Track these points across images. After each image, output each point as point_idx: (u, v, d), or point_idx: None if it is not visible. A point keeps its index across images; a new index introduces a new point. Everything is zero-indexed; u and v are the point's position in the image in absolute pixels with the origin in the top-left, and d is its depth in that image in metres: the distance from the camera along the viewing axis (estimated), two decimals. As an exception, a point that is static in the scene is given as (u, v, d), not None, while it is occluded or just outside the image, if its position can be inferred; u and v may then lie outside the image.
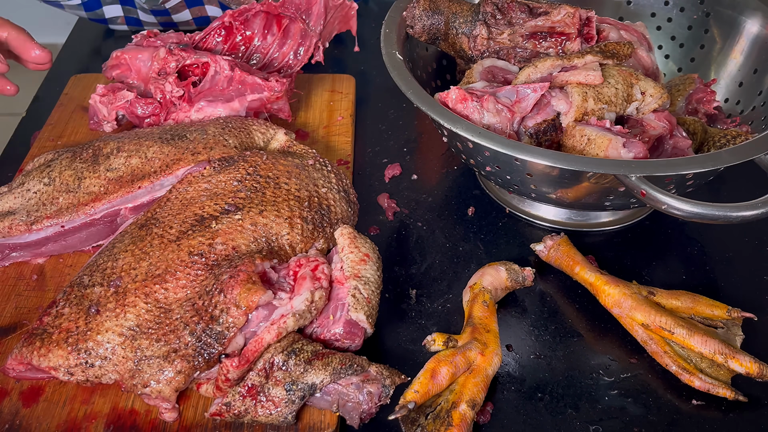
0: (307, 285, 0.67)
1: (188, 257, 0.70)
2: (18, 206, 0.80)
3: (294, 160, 0.81)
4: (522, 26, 0.86)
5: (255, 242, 0.72)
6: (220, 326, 0.64)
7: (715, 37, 0.95)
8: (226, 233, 0.71)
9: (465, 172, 0.95)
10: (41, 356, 0.65)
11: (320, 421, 0.65)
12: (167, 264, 0.69)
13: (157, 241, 0.72)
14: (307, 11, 1.00)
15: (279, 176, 0.77)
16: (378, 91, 1.07)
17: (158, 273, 0.69)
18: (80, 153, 0.83)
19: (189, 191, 0.76)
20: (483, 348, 0.68)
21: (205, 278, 0.68)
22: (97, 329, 0.66)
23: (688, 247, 0.84)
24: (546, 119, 0.79)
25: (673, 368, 0.69)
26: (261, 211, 0.73)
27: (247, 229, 0.72)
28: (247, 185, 0.76)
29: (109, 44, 1.21)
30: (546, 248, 0.79)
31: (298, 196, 0.76)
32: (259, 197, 0.75)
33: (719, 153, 0.71)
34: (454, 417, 0.62)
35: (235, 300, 0.64)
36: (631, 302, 0.71)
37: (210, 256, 0.70)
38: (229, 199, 0.74)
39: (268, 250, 0.71)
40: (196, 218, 0.73)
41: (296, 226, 0.74)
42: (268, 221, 0.73)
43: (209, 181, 0.77)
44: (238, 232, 0.72)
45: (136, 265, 0.70)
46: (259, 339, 0.63)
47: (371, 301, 0.68)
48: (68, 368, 0.65)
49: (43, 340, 0.66)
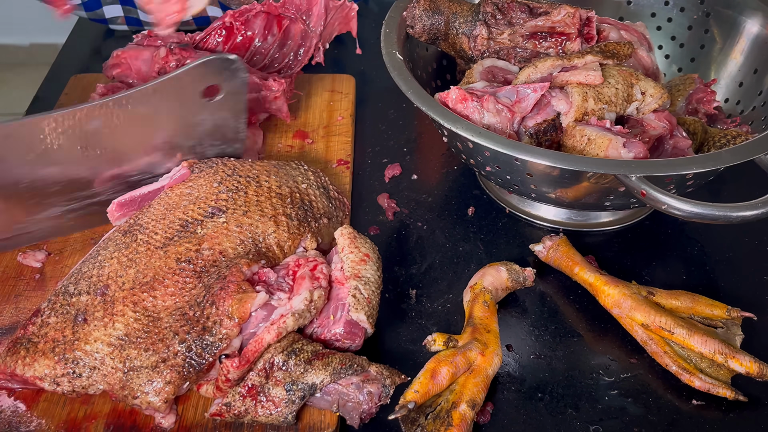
0: (306, 285, 0.67)
1: (176, 264, 0.69)
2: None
3: (270, 161, 0.82)
4: (522, 26, 0.86)
5: (242, 244, 0.71)
6: (212, 337, 0.63)
7: (715, 37, 0.95)
8: (213, 238, 0.71)
9: (465, 172, 0.95)
10: (26, 365, 0.64)
11: (320, 421, 0.65)
12: (155, 271, 0.69)
13: (143, 248, 0.71)
14: (308, 12, 1.00)
15: (259, 175, 0.78)
16: (378, 91, 1.07)
17: (146, 281, 0.68)
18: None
19: (170, 195, 0.76)
20: (483, 348, 0.68)
21: (194, 286, 0.67)
22: (85, 339, 0.65)
23: (688, 247, 0.84)
24: (546, 119, 0.79)
25: (673, 368, 0.69)
26: (245, 212, 0.73)
27: (232, 232, 0.72)
28: (229, 186, 0.76)
29: (109, 44, 1.21)
30: (545, 249, 0.79)
31: (280, 193, 0.76)
32: (242, 197, 0.75)
33: (719, 153, 0.71)
34: (454, 417, 0.63)
35: (228, 312, 0.64)
36: (631, 302, 0.71)
37: (198, 262, 0.69)
38: (212, 201, 0.74)
39: (255, 251, 0.71)
40: (180, 223, 0.73)
41: (281, 223, 0.73)
42: (253, 221, 0.73)
43: (190, 186, 0.77)
44: (224, 235, 0.71)
45: (122, 272, 0.69)
46: (259, 339, 0.63)
47: (371, 301, 0.68)
48: (54, 378, 0.63)
49: (28, 349, 0.65)
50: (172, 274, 0.68)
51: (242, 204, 0.74)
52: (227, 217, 0.73)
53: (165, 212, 0.74)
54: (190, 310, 0.66)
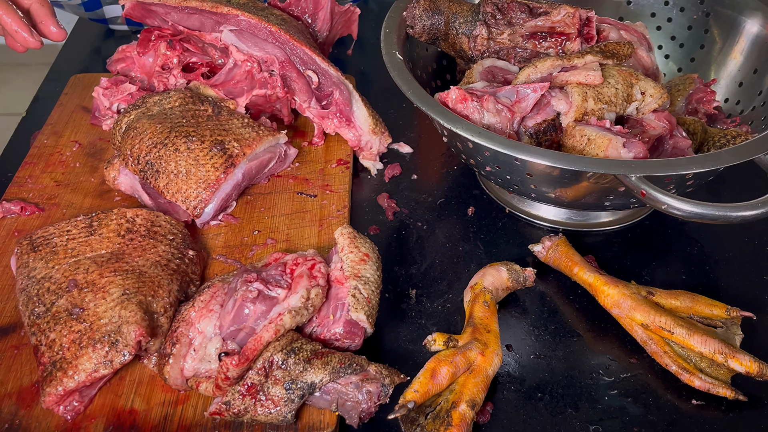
0: (303, 283, 0.67)
1: (120, 238, 0.74)
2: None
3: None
4: (522, 26, 0.86)
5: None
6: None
7: (715, 37, 0.95)
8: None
9: (465, 172, 0.95)
10: (71, 377, 0.63)
11: (319, 420, 0.65)
12: (107, 248, 0.73)
13: (74, 242, 0.74)
14: (314, 15, 1.01)
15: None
16: (378, 91, 1.07)
17: (107, 258, 0.72)
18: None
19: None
20: (483, 348, 0.68)
21: (153, 245, 0.74)
22: (97, 316, 0.66)
23: (688, 247, 0.84)
24: (546, 119, 0.79)
25: (673, 368, 0.69)
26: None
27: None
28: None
29: (109, 44, 1.21)
30: (544, 249, 0.79)
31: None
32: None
33: (719, 153, 0.71)
34: (453, 417, 0.62)
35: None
36: (631, 302, 0.71)
37: (139, 230, 0.76)
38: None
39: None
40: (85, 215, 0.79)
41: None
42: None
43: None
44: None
45: (78, 265, 0.71)
46: (258, 337, 0.63)
47: (371, 301, 0.68)
48: (100, 362, 0.64)
49: (60, 367, 0.64)
50: (126, 244, 0.73)
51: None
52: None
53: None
54: (169, 262, 0.73)
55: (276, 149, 0.89)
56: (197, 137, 0.82)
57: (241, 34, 0.91)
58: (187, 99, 0.88)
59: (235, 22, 0.90)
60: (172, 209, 0.83)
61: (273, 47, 0.91)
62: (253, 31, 0.90)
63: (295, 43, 0.90)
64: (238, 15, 0.90)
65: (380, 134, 0.93)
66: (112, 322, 0.65)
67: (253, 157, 0.85)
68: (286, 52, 0.91)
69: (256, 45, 0.91)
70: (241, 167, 0.84)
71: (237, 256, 0.81)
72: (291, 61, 0.91)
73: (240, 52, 0.90)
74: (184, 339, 0.66)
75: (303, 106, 0.93)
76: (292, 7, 1.00)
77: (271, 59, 0.90)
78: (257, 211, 0.87)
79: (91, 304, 0.67)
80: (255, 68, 0.90)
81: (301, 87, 0.92)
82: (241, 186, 0.85)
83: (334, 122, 0.93)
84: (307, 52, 0.91)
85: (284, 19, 0.94)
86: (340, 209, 0.87)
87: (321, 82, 0.92)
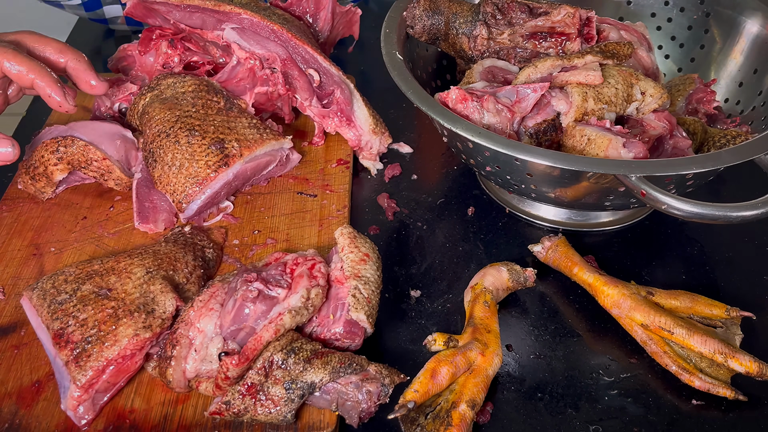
0: (303, 283, 0.67)
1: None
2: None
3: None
4: (522, 26, 0.86)
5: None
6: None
7: (715, 37, 0.95)
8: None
9: (465, 172, 0.95)
10: (110, 348, 0.64)
11: (319, 420, 0.65)
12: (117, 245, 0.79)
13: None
14: (315, 15, 1.01)
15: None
16: (378, 91, 1.07)
17: (116, 252, 0.75)
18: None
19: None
20: (483, 348, 0.68)
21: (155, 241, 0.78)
22: (127, 293, 0.68)
23: (688, 247, 0.84)
24: (546, 119, 0.79)
25: (672, 368, 0.69)
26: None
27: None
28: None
29: (109, 44, 1.21)
30: (544, 249, 0.79)
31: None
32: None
33: (719, 153, 0.71)
34: (453, 417, 0.62)
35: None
36: (630, 302, 0.71)
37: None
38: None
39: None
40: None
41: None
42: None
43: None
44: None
45: (89, 261, 0.73)
46: (258, 337, 0.63)
47: (371, 301, 0.68)
48: (139, 326, 0.65)
49: (97, 340, 0.64)
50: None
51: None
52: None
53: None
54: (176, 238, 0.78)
55: (277, 153, 0.88)
56: (200, 132, 0.83)
57: (243, 32, 0.91)
58: (202, 87, 0.88)
59: (237, 21, 0.90)
60: (153, 214, 0.85)
61: (275, 45, 0.91)
62: (255, 30, 0.90)
63: (297, 42, 0.90)
64: (240, 13, 0.90)
65: (380, 134, 0.93)
66: (144, 296, 0.68)
67: (250, 159, 0.84)
68: (288, 50, 0.91)
69: (258, 43, 0.91)
70: (235, 168, 0.83)
71: (237, 256, 0.81)
72: (293, 60, 0.91)
73: (242, 50, 0.90)
74: (184, 340, 0.66)
75: (304, 105, 0.93)
76: (293, 7, 1.00)
77: (273, 57, 0.90)
78: (257, 211, 0.87)
79: (118, 284, 0.69)
80: (257, 65, 0.90)
81: (303, 85, 0.92)
82: (232, 186, 0.85)
83: (334, 121, 0.93)
84: (308, 51, 0.91)
85: (286, 19, 0.94)
86: (340, 209, 0.87)
87: (322, 80, 0.92)
